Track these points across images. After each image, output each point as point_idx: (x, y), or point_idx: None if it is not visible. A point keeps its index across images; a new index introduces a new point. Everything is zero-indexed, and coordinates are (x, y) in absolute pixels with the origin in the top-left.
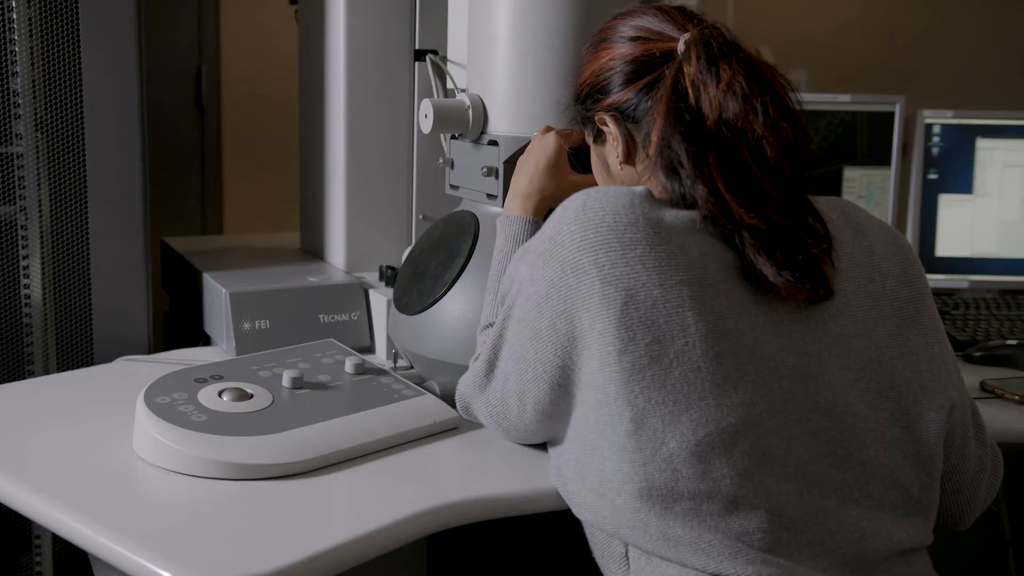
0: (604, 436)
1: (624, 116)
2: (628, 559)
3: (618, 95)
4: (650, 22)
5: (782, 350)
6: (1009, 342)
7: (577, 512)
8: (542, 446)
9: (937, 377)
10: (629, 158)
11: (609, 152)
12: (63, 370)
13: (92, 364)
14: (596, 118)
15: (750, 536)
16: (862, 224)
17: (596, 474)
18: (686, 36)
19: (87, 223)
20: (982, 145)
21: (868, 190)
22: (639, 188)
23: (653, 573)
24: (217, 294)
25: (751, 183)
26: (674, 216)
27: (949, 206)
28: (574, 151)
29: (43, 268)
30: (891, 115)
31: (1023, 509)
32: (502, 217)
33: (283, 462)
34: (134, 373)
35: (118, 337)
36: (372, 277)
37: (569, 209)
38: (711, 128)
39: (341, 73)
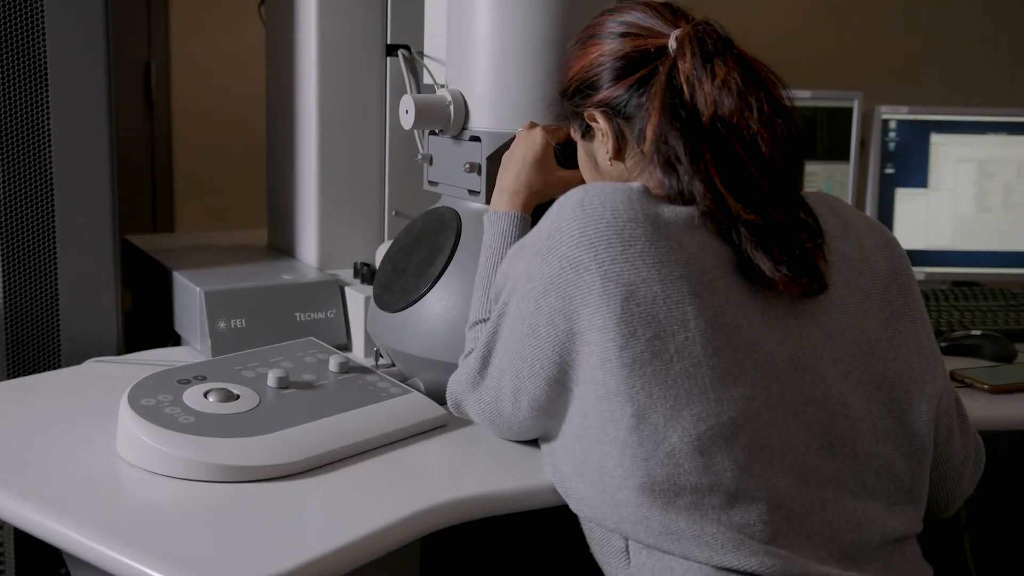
0: (604, 432)
1: (615, 112)
2: (628, 553)
3: (608, 91)
4: (639, 18)
5: (778, 344)
6: (974, 332)
7: (575, 507)
8: (533, 441)
9: (926, 368)
10: (619, 154)
11: (598, 148)
12: (29, 373)
13: (59, 367)
14: (585, 114)
15: (751, 528)
16: (849, 219)
17: (596, 470)
18: (678, 32)
19: (53, 221)
20: (936, 140)
21: (828, 184)
22: (635, 184)
23: (655, 567)
24: (190, 293)
25: (747, 179)
26: (672, 212)
27: (905, 200)
28: (561, 147)
29: (5, 268)
30: (849, 111)
31: (979, 494)
32: (489, 213)
33: (274, 463)
34: (106, 375)
35: (87, 338)
36: (345, 274)
37: (567, 205)
38: (706, 124)
39: (312, 69)
